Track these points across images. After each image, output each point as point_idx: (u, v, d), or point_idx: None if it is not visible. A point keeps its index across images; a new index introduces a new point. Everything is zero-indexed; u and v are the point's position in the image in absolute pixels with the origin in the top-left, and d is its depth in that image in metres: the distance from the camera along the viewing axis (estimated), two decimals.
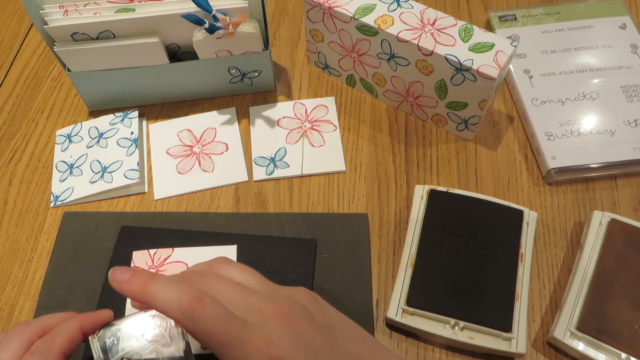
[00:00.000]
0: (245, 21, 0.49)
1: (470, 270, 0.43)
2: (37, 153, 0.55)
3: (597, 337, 0.40)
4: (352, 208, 0.50)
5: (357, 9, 0.50)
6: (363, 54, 0.53)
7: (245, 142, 0.55)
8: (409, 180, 0.52)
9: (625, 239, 0.44)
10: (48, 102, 0.59)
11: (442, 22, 0.48)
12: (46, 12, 0.48)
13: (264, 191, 0.52)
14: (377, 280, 0.46)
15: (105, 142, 0.54)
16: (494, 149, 0.53)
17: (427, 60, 0.48)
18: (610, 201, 0.50)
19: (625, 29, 0.58)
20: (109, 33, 0.50)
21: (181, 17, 0.47)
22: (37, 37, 0.65)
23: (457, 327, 0.42)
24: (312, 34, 0.56)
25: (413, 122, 0.56)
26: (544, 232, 0.48)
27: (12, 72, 0.62)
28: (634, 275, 0.43)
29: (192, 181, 0.52)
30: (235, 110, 0.57)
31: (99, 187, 0.51)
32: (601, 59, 0.56)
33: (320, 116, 0.56)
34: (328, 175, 0.52)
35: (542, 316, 0.44)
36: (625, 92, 0.54)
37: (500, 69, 0.45)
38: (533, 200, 0.50)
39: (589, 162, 0.50)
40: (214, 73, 0.55)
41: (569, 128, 0.52)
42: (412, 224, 0.47)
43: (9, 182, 0.53)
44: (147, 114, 0.57)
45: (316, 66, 0.60)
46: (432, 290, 0.43)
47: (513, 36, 0.59)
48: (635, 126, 0.52)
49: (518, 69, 0.56)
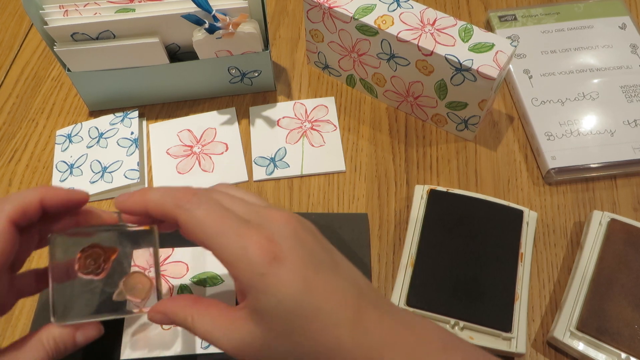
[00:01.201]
0: (245, 21, 0.49)
1: (470, 270, 0.43)
2: (37, 153, 0.55)
3: (597, 337, 0.40)
4: (352, 208, 0.50)
5: (357, 9, 0.50)
6: (363, 54, 0.53)
7: (245, 142, 0.55)
8: (409, 180, 0.52)
9: (625, 239, 0.44)
10: (48, 102, 0.59)
11: (442, 22, 0.48)
12: (46, 12, 0.48)
13: (264, 191, 0.52)
14: (377, 280, 0.46)
15: (105, 142, 0.54)
16: (494, 149, 0.53)
17: (427, 60, 0.48)
18: (610, 201, 0.50)
19: (625, 29, 0.58)
20: (109, 33, 0.50)
21: (181, 17, 0.47)
22: (37, 37, 0.65)
23: (457, 327, 0.42)
24: (312, 34, 0.56)
25: (413, 122, 0.56)
26: (544, 232, 0.48)
27: (12, 72, 0.62)
28: (634, 275, 0.43)
29: (192, 181, 0.52)
30: (235, 110, 0.57)
31: (99, 187, 0.51)
32: (601, 59, 0.56)
33: (320, 116, 0.56)
34: (328, 175, 0.52)
35: (542, 316, 0.44)
36: (625, 92, 0.54)
37: (500, 69, 0.45)
38: (533, 200, 0.50)
39: (588, 162, 0.50)
40: (214, 73, 0.55)
41: (568, 128, 0.52)
42: (412, 224, 0.47)
43: (9, 182, 0.53)
44: (147, 114, 0.57)
45: (316, 66, 0.60)
46: (432, 290, 0.43)
47: (513, 36, 0.59)
48: (635, 126, 0.52)
49: (518, 69, 0.56)
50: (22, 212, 0.31)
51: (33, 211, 0.31)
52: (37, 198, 0.31)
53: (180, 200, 0.30)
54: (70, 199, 0.33)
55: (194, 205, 0.29)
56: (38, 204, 0.32)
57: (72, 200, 0.33)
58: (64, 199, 0.33)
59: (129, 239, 0.36)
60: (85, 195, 0.34)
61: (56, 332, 0.32)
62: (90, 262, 0.34)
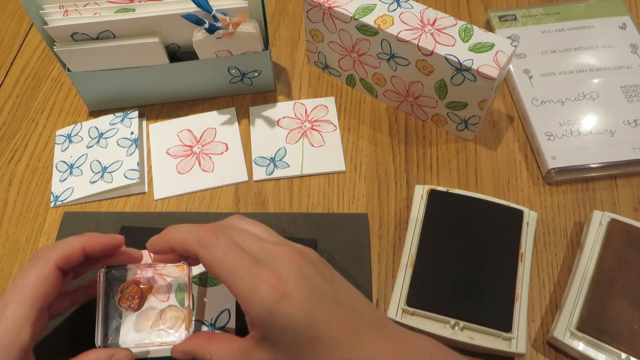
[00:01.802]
0: (245, 21, 0.49)
1: (470, 270, 0.43)
2: (37, 153, 0.55)
3: (597, 337, 0.40)
4: (352, 208, 0.50)
5: (357, 9, 0.50)
6: (363, 54, 0.53)
7: (245, 142, 0.55)
8: (409, 180, 0.52)
9: (625, 239, 0.44)
10: (48, 102, 0.59)
11: (442, 22, 0.48)
12: (46, 12, 0.48)
13: (264, 191, 0.52)
14: (377, 280, 0.46)
15: (105, 142, 0.54)
16: (494, 149, 0.53)
17: (427, 60, 0.48)
18: (610, 201, 0.50)
19: (625, 29, 0.58)
20: (109, 33, 0.50)
21: (181, 17, 0.47)
22: (37, 37, 0.65)
23: (457, 327, 0.42)
24: (312, 34, 0.56)
25: (413, 122, 0.56)
26: (544, 232, 0.48)
27: (12, 72, 0.62)
28: (634, 275, 0.43)
29: (192, 181, 0.52)
30: (235, 110, 0.57)
31: (99, 187, 0.51)
32: (601, 59, 0.56)
33: (320, 116, 0.56)
34: (328, 175, 0.52)
35: (542, 316, 0.44)
36: (625, 92, 0.54)
37: (500, 69, 0.45)
38: (533, 200, 0.50)
39: (589, 162, 0.50)
40: (214, 73, 0.55)
41: (569, 128, 0.52)
42: (412, 224, 0.47)
43: (9, 182, 0.53)
44: (147, 114, 0.57)
45: (316, 66, 0.60)
46: (432, 290, 0.43)
47: (513, 36, 0.59)
48: (635, 126, 0.52)
49: (518, 69, 0.56)
50: (66, 259, 0.35)
51: (76, 257, 0.36)
52: (81, 246, 0.36)
53: (201, 240, 0.34)
54: (109, 244, 0.38)
55: (212, 245, 0.33)
56: (81, 251, 0.36)
57: (110, 245, 0.38)
58: (103, 245, 0.38)
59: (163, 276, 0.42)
60: (121, 240, 0.39)
61: (93, 357, 0.36)
62: (129, 296, 0.40)
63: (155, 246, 0.37)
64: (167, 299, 0.42)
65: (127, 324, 0.40)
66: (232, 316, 0.43)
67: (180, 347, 0.37)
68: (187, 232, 0.35)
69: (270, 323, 0.31)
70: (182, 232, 0.35)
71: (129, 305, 0.40)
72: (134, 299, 0.40)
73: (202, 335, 0.37)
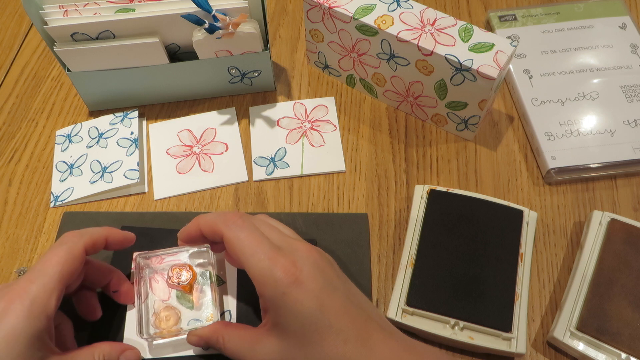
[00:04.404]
0: (245, 21, 0.49)
1: (470, 270, 0.43)
2: (37, 153, 0.55)
3: (597, 337, 0.40)
4: (352, 208, 0.50)
5: (357, 9, 0.50)
6: (363, 54, 0.53)
7: (245, 142, 0.55)
8: (409, 180, 0.52)
9: (625, 239, 0.44)
10: (48, 102, 0.59)
11: (442, 22, 0.48)
12: (46, 12, 0.48)
13: (263, 191, 0.52)
14: (377, 280, 0.46)
15: (105, 142, 0.54)
16: (494, 149, 0.53)
17: (427, 60, 0.48)
18: (610, 201, 0.50)
19: (625, 29, 0.58)
20: (109, 33, 0.50)
21: (181, 17, 0.47)
22: (37, 37, 0.65)
23: (457, 327, 0.42)
24: (312, 34, 0.56)
25: (413, 122, 0.56)
26: (544, 232, 0.48)
27: (12, 72, 0.62)
28: (634, 275, 0.43)
29: (192, 181, 0.52)
30: (235, 110, 0.57)
31: (99, 187, 0.51)
32: (601, 59, 0.56)
33: (320, 116, 0.56)
34: (328, 175, 0.52)
35: (542, 316, 0.44)
36: (625, 92, 0.54)
37: (500, 69, 0.45)
38: (533, 200, 0.50)
39: (588, 162, 0.50)
40: (214, 73, 0.55)
41: (568, 128, 0.52)
42: (412, 224, 0.47)
43: (9, 182, 0.53)
44: (147, 114, 0.57)
45: (316, 66, 0.60)
46: (432, 290, 0.43)
47: (513, 36, 0.59)
48: (635, 126, 0.52)
49: (518, 69, 0.56)
50: (93, 243, 0.39)
51: (100, 244, 0.39)
52: (104, 235, 0.40)
53: (228, 221, 0.36)
54: (125, 238, 0.42)
55: (238, 226, 0.36)
56: (104, 240, 0.40)
57: (126, 241, 0.42)
58: (122, 239, 0.41)
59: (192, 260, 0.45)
60: (133, 238, 0.42)
61: (106, 349, 0.38)
62: (179, 274, 0.43)
63: (184, 233, 0.40)
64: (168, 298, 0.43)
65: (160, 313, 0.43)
66: (232, 318, 0.43)
67: (197, 332, 0.39)
68: (216, 215, 0.37)
69: (282, 305, 0.33)
70: (211, 215, 0.38)
71: (179, 283, 0.42)
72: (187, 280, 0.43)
73: (217, 323, 0.40)
